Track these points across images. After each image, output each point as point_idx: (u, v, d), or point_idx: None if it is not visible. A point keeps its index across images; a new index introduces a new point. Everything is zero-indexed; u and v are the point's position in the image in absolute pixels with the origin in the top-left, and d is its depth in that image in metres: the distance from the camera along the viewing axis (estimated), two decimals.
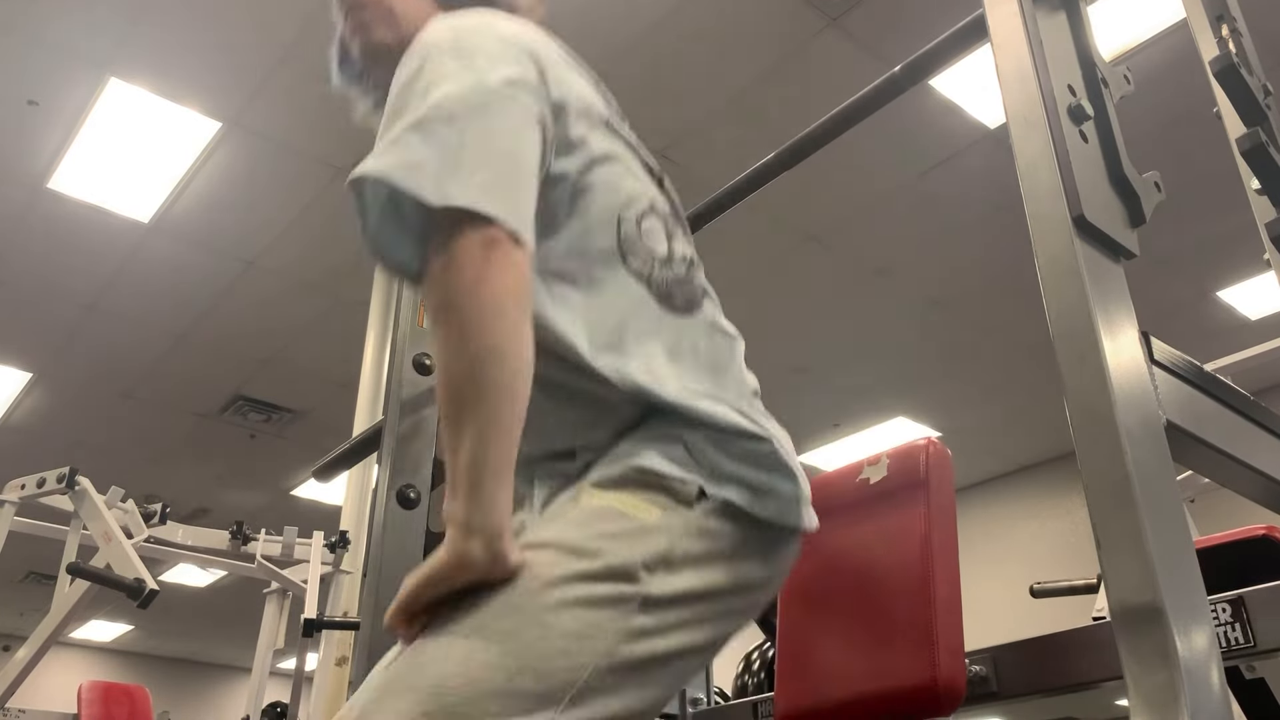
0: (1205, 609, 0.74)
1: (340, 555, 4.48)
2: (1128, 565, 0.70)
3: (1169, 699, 0.67)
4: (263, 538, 4.58)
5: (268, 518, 4.92)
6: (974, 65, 3.85)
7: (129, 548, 3.41)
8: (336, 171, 4.52)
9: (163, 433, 6.78)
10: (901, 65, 1.17)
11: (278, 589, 4.64)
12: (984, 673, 1.58)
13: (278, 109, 4.19)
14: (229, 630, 9.81)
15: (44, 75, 3.99)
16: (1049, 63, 0.87)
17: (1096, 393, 0.75)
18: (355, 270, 5.08)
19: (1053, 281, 0.80)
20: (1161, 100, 3.86)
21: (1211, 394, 0.92)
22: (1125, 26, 3.76)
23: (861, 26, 3.80)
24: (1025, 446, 7.04)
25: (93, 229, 4.81)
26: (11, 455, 6.24)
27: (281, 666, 7.48)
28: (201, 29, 3.81)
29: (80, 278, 5.17)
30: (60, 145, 4.32)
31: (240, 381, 6.18)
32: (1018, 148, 0.86)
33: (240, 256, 5.07)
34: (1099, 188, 0.84)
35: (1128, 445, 0.72)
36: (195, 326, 5.61)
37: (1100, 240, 0.82)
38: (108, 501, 3.81)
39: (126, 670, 11.08)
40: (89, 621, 10.33)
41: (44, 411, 6.46)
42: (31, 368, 5.99)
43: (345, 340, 5.24)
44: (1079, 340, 0.77)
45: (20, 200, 4.62)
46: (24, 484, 3.85)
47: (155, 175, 4.53)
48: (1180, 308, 5.51)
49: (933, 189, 4.52)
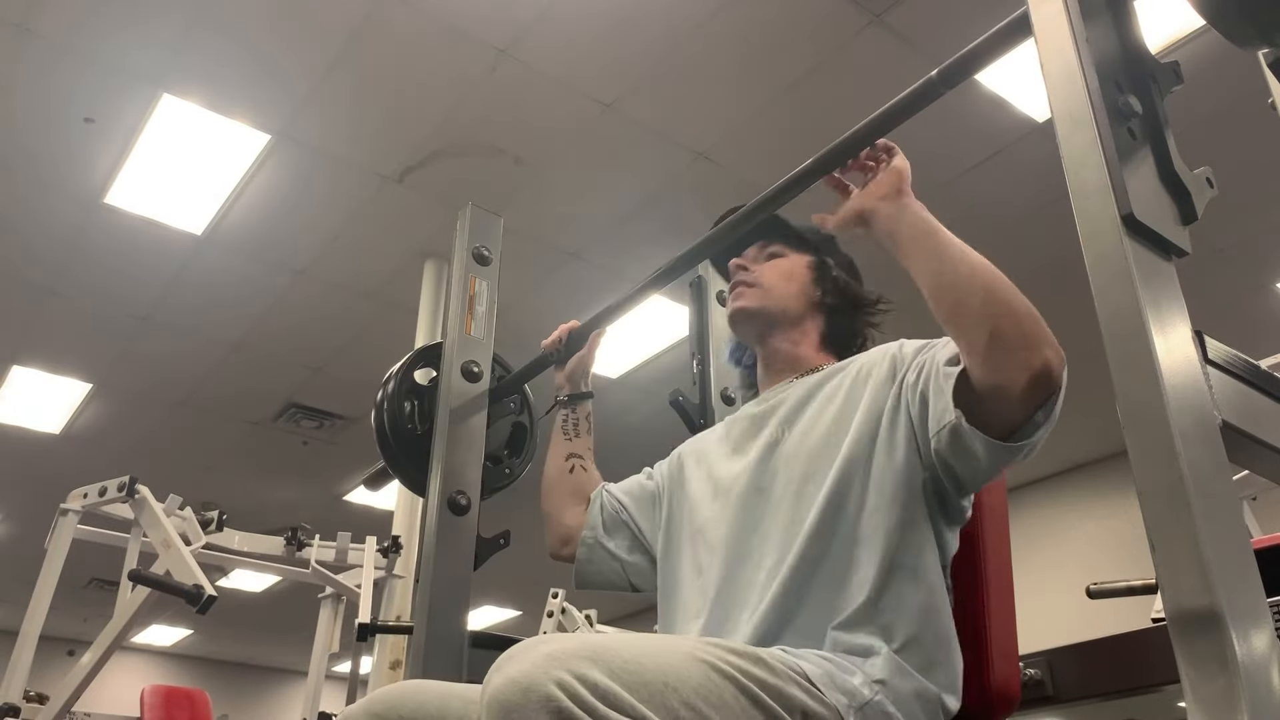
0: (1265, 611, 0.72)
1: (393, 560, 4.53)
2: (1183, 569, 0.69)
3: (1228, 705, 0.66)
4: (317, 543, 4.64)
5: (321, 523, 4.98)
6: (1020, 58, 3.80)
7: (187, 554, 3.48)
8: (384, 180, 4.58)
9: (218, 441, 6.90)
10: (938, 70, 1.15)
11: (332, 594, 4.70)
12: (1039, 676, 1.56)
13: (325, 120, 4.25)
14: (285, 635, 9.95)
15: (100, 93, 4.08)
16: (1095, 59, 0.86)
17: (1148, 395, 0.73)
18: (404, 278, 5.14)
19: (1102, 282, 0.78)
20: (1214, 90, 3.79)
21: (1269, 392, 0.90)
22: (1176, 15, 3.69)
23: (904, 22, 3.77)
24: (1081, 444, 6.92)
25: (148, 242, 4.91)
26: (73, 464, 6.38)
27: (337, 670, 7.58)
28: (249, 43, 3.88)
29: (136, 290, 5.28)
30: (116, 161, 4.42)
31: (292, 389, 6.27)
32: (1064, 146, 0.84)
33: (291, 266, 5.15)
34: (1148, 185, 0.83)
35: (1181, 447, 0.71)
36: (248, 336, 5.71)
37: (1150, 239, 0.80)
38: (166, 509, 3.88)
39: (186, 674, 11.29)
40: (150, 626, 10.54)
41: (103, 421, 6.61)
42: (91, 379, 6.13)
43: (395, 347, 5.26)
44: (1130, 342, 0.75)
45: (78, 216, 4.74)
46: (86, 493, 3.94)
47: (207, 188, 4.61)
48: (1236, 300, 5.40)
49: (980, 185, 4.46)
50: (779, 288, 1.46)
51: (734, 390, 1.98)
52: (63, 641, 9.19)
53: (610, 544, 1.55)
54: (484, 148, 4.42)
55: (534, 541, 1.60)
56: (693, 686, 0.91)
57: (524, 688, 0.83)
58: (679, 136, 4.37)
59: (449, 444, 1.72)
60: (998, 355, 1.07)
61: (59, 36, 3.81)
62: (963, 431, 1.11)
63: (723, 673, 0.95)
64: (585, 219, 4.87)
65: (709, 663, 0.94)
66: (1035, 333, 1.06)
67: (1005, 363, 1.06)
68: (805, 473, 1.27)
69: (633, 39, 3.88)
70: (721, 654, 0.97)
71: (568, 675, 0.83)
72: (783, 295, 1.46)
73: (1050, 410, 1.08)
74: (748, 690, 0.95)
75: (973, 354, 1.10)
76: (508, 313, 1.97)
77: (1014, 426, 1.08)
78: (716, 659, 0.96)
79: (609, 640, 0.91)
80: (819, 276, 1.49)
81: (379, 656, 4.26)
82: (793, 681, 1.01)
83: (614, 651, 0.88)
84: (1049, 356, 1.05)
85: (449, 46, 3.89)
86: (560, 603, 5.09)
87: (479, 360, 1.81)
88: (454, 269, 1.89)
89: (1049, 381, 1.06)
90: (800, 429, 1.33)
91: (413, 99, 4.16)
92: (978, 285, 1.11)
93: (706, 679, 0.93)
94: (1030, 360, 1.05)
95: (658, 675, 0.89)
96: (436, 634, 1.57)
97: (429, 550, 1.64)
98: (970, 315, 1.10)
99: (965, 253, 1.14)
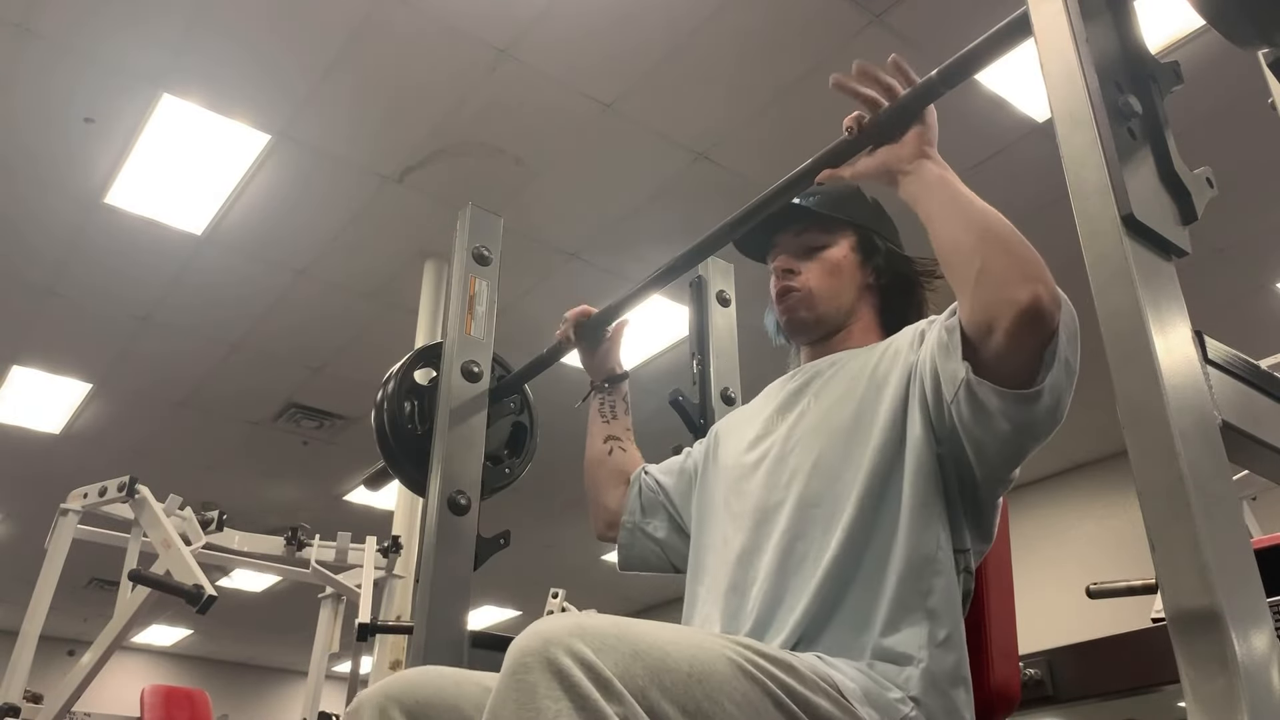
0: (1265, 612, 0.72)
1: (393, 560, 4.52)
2: (1183, 570, 0.69)
3: (1228, 705, 0.66)
4: (317, 543, 4.64)
5: (321, 523, 4.98)
6: (1020, 58, 3.80)
7: (187, 554, 3.48)
8: (384, 180, 4.58)
9: (218, 441, 6.90)
10: (938, 70, 1.15)
11: (332, 594, 4.70)
12: (1039, 676, 1.56)
13: (325, 120, 4.25)
14: (285, 635, 9.95)
15: (100, 93, 4.08)
16: (1095, 59, 0.86)
17: (1148, 395, 0.73)
18: (404, 278, 5.14)
19: (1102, 282, 0.78)
20: (1214, 90, 3.79)
21: (1269, 392, 0.90)
22: (1176, 15, 3.69)
23: (905, 22, 3.77)
24: (1081, 444, 6.92)
25: (148, 242, 4.91)
26: (73, 464, 6.38)
27: (337, 670, 7.58)
28: (249, 43, 3.88)
29: (136, 290, 5.28)
30: (116, 161, 4.42)
31: (293, 389, 6.27)
32: (1064, 147, 0.85)
33: (291, 266, 5.15)
34: (1148, 185, 0.83)
35: (1181, 447, 0.71)
36: (248, 336, 5.71)
37: (1150, 239, 0.80)
38: (166, 509, 3.88)
39: (186, 674, 11.29)
40: (150, 626, 10.54)
41: (103, 421, 6.61)
42: (91, 379, 6.13)
43: (395, 348, 5.26)
44: (1129, 341, 0.75)
45: (78, 216, 4.74)
46: (86, 493, 3.95)
47: (207, 188, 4.61)
48: (1236, 301, 5.40)
49: (980, 185, 4.43)
50: (828, 287, 1.42)
51: (734, 390, 1.98)
52: (63, 641, 9.20)
53: (648, 527, 1.56)
54: (484, 148, 4.42)
55: (534, 541, 1.60)
56: (718, 683, 0.90)
57: (539, 645, 0.83)
58: (679, 136, 4.37)
59: (449, 444, 1.72)
60: (984, 290, 1.07)
61: (59, 36, 3.81)
62: (973, 386, 1.09)
63: (750, 675, 0.94)
64: (585, 219, 4.87)
65: (737, 663, 0.94)
66: (1024, 268, 1.06)
67: (991, 297, 1.06)
68: (823, 450, 1.26)
69: (633, 39, 3.88)
70: (752, 655, 0.96)
71: (587, 648, 0.83)
72: (834, 294, 1.42)
73: (1055, 350, 1.06)
74: (773, 695, 0.95)
75: (963, 293, 1.11)
76: (508, 313, 1.97)
77: (1018, 371, 1.07)
78: (745, 660, 0.95)
79: (641, 626, 0.91)
80: (865, 258, 1.44)
81: (379, 656, 4.26)
82: (822, 692, 1.00)
83: (641, 636, 0.88)
84: (1038, 291, 1.04)
85: (449, 46, 3.89)
86: (560, 603, 5.09)
87: (479, 360, 1.81)
88: (454, 269, 1.89)
89: (1038, 317, 1.04)
90: (825, 404, 1.32)
91: (413, 99, 4.16)
92: (976, 223, 1.12)
93: (733, 677, 0.92)
94: (1016, 294, 1.04)
95: (683, 665, 0.88)
96: (436, 634, 1.58)
97: (429, 550, 1.64)
98: (964, 251, 1.11)
99: (974, 199, 1.16)
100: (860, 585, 1.16)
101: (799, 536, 1.21)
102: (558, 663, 0.82)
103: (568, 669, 0.82)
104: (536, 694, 0.81)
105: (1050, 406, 1.09)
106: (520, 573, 6.74)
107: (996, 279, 1.07)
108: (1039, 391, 1.07)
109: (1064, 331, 1.07)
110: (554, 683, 0.81)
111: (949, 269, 1.14)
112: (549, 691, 0.81)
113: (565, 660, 0.82)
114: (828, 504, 1.22)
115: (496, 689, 0.85)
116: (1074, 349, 1.09)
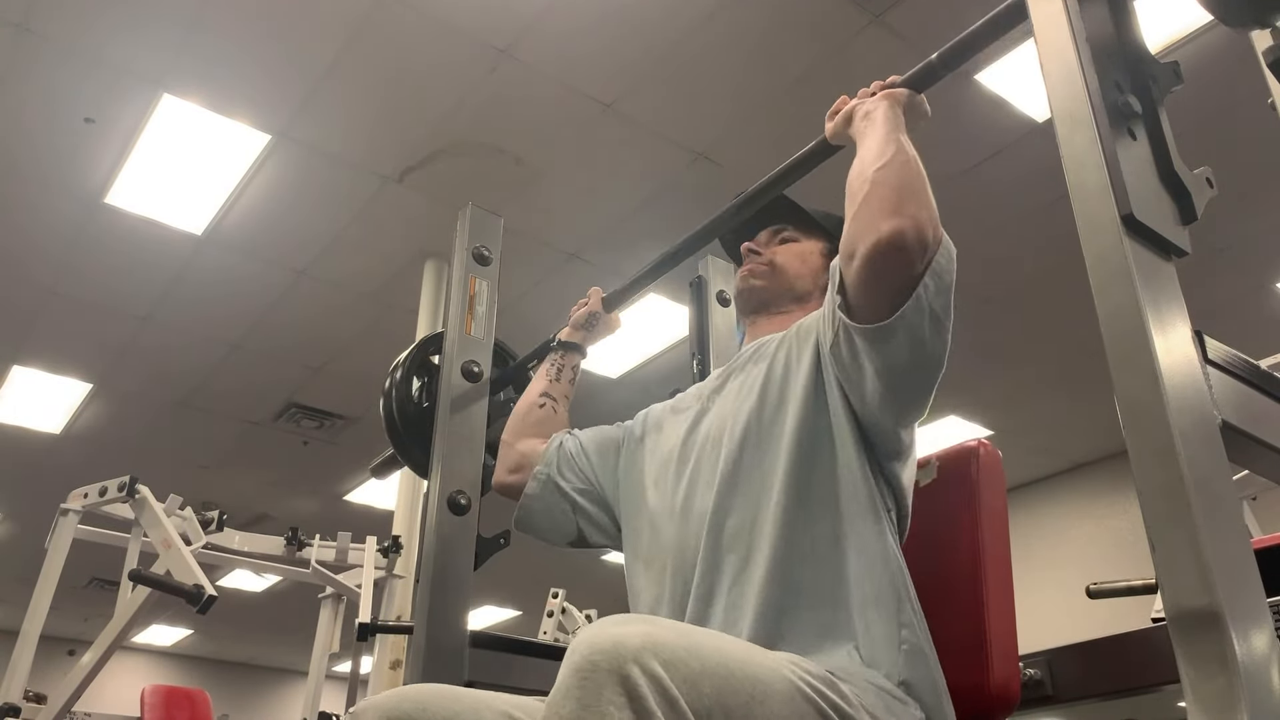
0: (1265, 611, 0.73)
1: (393, 560, 4.52)
2: (1183, 569, 0.69)
3: (1228, 705, 0.66)
4: (317, 543, 4.64)
5: (321, 523, 4.98)
6: (1019, 58, 3.80)
7: (188, 554, 3.48)
8: (384, 181, 4.58)
9: (218, 441, 6.90)
10: (938, 53, 1.18)
11: (332, 594, 4.70)
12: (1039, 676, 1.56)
13: (325, 120, 4.25)
14: (286, 635, 9.95)
15: (100, 93, 4.08)
16: (1095, 59, 0.86)
17: (1148, 395, 0.73)
18: (404, 278, 5.14)
19: (1102, 282, 0.78)
20: (1214, 89, 3.79)
21: (1269, 392, 0.90)
22: (1177, 15, 3.69)
23: (904, 22, 3.77)
24: (1081, 444, 6.93)
25: (148, 242, 4.91)
26: (73, 464, 6.38)
27: (337, 670, 7.58)
28: (250, 43, 3.88)
29: (136, 289, 5.28)
30: (116, 161, 4.42)
31: (293, 389, 6.27)
32: (1064, 147, 0.85)
33: (291, 266, 5.15)
34: (1148, 185, 0.83)
35: (1181, 447, 0.71)
36: (248, 336, 5.71)
37: (1150, 239, 0.81)
38: (166, 509, 3.88)
39: (187, 674, 11.29)
40: (150, 626, 10.54)
41: (104, 421, 6.61)
42: (91, 379, 6.13)
43: (395, 347, 5.24)
44: (1129, 341, 0.75)
45: (78, 216, 4.73)
46: (86, 493, 3.95)
47: (208, 188, 4.61)
48: (1236, 300, 5.40)
49: (981, 184, 4.46)
50: (791, 267, 1.46)
51: None
52: (63, 641, 9.20)
53: (563, 483, 1.51)
54: (484, 148, 4.42)
55: (534, 542, 1.60)
56: (777, 705, 0.90)
57: (611, 649, 0.82)
58: (679, 136, 4.37)
59: (449, 444, 1.72)
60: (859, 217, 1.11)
61: (59, 36, 3.81)
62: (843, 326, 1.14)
63: (806, 696, 0.94)
64: (585, 219, 4.87)
65: (794, 683, 0.94)
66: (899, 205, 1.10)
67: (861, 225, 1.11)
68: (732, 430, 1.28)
69: (633, 39, 3.88)
70: (805, 675, 0.96)
71: (657, 664, 0.82)
72: (793, 275, 1.46)
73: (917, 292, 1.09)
74: (825, 714, 0.95)
75: (846, 219, 1.14)
76: (508, 313, 1.97)
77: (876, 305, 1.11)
78: (802, 680, 0.95)
79: (707, 640, 0.90)
80: (829, 258, 1.47)
81: (379, 656, 4.26)
82: (866, 711, 1.00)
83: (709, 653, 0.87)
84: (902, 226, 1.08)
85: (449, 46, 3.89)
86: (560, 602, 5.09)
87: (479, 360, 1.81)
88: (454, 269, 1.89)
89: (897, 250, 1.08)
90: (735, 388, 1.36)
91: (413, 99, 4.16)
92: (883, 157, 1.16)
93: (790, 699, 0.92)
94: (880, 224, 1.08)
95: (745, 685, 0.88)
96: (437, 634, 1.57)
97: (429, 550, 1.64)
98: (860, 179, 1.15)
99: (901, 143, 1.18)
100: (814, 569, 1.17)
101: (728, 513, 1.23)
102: (628, 673, 0.80)
103: (636, 682, 0.80)
104: (601, 698, 0.80)
105: (907, 346, 1.11)
106: (520, 573, 6.73)
107: (871, 208, 1.11)
108: (890, 327, 1.10)
109: (931, 278, 1.10)
110: (620, 692, 0.80)
111: (847, 196, 1.17)
112: (614, 698, 0.80)
113: (635, 672, 0.81)
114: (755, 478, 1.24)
115: (559, 684, 0.83)
116: (943, 299, 1.12)
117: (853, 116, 1.28)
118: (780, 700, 0.91)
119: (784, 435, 1.23)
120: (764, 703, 0.89)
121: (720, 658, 0.88)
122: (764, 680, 0.90)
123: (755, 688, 0.89)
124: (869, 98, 1.28)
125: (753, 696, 0.88)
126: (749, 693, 0.88)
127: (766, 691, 0.90)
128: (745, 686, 0.88)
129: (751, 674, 0.90)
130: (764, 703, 0.89)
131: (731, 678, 0.87)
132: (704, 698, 0.84)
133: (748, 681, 0.88)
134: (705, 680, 0.85)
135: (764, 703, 0.89)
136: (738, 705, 0.86)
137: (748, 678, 0.89)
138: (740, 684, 0.88)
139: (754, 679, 0.89)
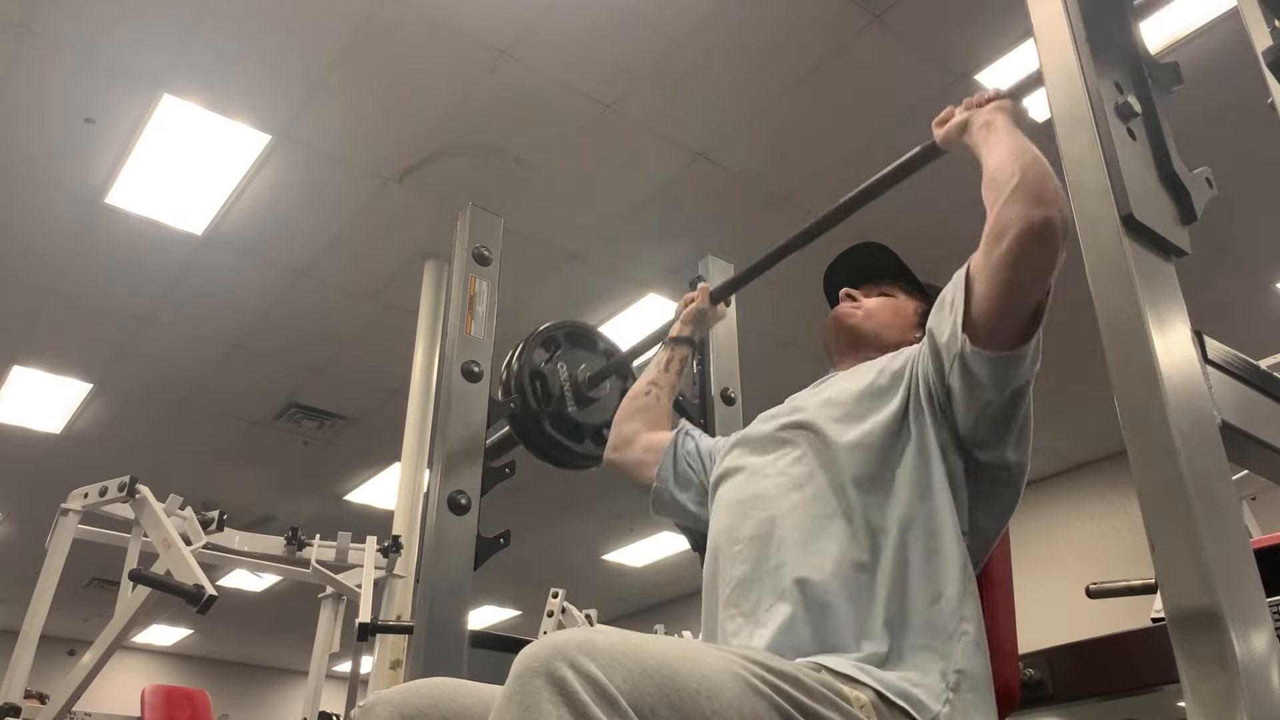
0: (1265, 612, 0.73)
1: (393, 560, 4.52)
2: (1182, 570, 0.69)
3: (1227, 705, 0.66)
4: (317, 543, 4.64)
5: (321, 523, 4.98)
6: (1019, 58, 3.80)
7: (188, 554, 3.47)
8: (384, 181, 4.58)
9: (218, 441, 6.90)
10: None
11: (332, 594, 4.70)
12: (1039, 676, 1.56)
13: (325, 120, 4.25)
14: (286, 634, 9.95)
15: (100, 93, 4.08)
16: (1095, 59, 0.86)
17: (1148, 395, 0.73)
18: (404, 278, 5.14)
19: (1102, 282, 0.78)
20: (1214, 89, 3.79)
21: (1268, 392, 0.90)
22: (1176, 15, 3.69)
23: (904, 22, 3.77)
24: (1081, 443, 6.92)
25: (148, 242, 4.91)
26: (73, 464, 6.38)
27: (337, 670, 7.58)
28: (250, 44, 3.88)
29: (136, 290, 5.28)
30: (116, 161, 4.42)
31: (293, 389, 6.27)
32: (1064, 146, 0.85)
33: (291, 266, 5.15)
34: (1148, 186, 0.83)
35: (1181, 447, 0.71)
36: (248, 336, 5.71)
37: (1150, 239, 0.81)
38: (166, 509, 3.88)
39: (187, 674, 11.29)
40: (150, 626, 10.54)
41: (104, 421, 6.61)
42: (92, 379, 6.13)
43: (395, 348, 5.30)
44: (1129, 341, 0.75)
45: (79, 216, 4.74)
46: (86, 493, 3.94)
47: (208, 188, 4.61)
48: (1235, 300, 5.40)
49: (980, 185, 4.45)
50: (882, 316, 1.52)
51: (734, 390, 1.98)
52: (63, 641, 9.19)
53: (681, 497, 1.61)
54: (484, 148, 4.42)
55: (534, 542, 1.60)
56: (726, 699, 0.91)
57: (545, 655, 0.84)
58: (679, 136, 4.37)
59: (449, 444, 1.72)
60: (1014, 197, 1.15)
61: (59, 36, 3.81)
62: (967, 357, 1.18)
63: (758, 690, 0.94)
64: (585, 219, 4.86)
65: (745, 678, 0.94)
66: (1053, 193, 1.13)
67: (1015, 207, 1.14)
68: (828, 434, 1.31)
69: (633, 39, 3.88)
70: (759, 670, 0.97)
71: (592, 664, 0.83)
72: (884, 323, 1.51)
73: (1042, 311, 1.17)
74: (781, 709, 0.95)
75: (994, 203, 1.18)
76: (508, 313, 1.97)
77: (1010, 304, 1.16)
78: (753, 675, 0.95)
79: (650, 643, 0.91)
80: (921, 325, 1.50)
81: (379, 656, 4.25)
82: (829, 704, 1.00)
83: (650, 654, 0.89)
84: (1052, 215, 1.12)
85: (449, 46, 3.89)
86: (560, 602, 5.09)
87: (479, 360, 1.81)
88: (454, 269, 1.89)
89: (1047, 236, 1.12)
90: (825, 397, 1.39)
91: (413, 99, 4.16)
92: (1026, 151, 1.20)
93: (741, 693, 0.93)
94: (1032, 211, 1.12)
95: (691, 682, 0.89)
96: (437, 634, 1.58)
97: (429, 550, 1.64)
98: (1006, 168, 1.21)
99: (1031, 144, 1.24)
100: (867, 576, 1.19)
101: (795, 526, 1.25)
102: (561, 675, 0.82)
103: (569, 680, 0.82)
104: (539, 699, 0.82)
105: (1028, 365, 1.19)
106: (520, 573, 6.73)
107: (1025, 190, 1.14)
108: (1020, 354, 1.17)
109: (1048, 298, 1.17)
110: (556, 692, 0.82)
111: (989, 189, 1.21)
112: (551, 697, 0.82)
113: (568, 673, 0.82)
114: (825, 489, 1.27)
115: (501, 696, 0.86)
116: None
117: (969, 125, 1.34)
118: (730, 694, 0.91)
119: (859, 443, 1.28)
120: (712, 697, 0.89)
121: (663, 657, 0.89)
122: (710, 677, 0.91)
123: (702, 684, 0.89)
124: (979, 108, 1.34)
125: (700, 692, 0.89)
126: (695, 688, 0.88)
127: (714, 687, 0.90)
128: (691, 683, 0.89)
129: (698, 671, 0.91)
130: (712, 697, 0.89)
131: (676, 675, 0.88)
132: (646, 695, 0.85)
133: (694, 678, 0.89)
134: (647, 680, 0.86)
135: (712, 697, 0.89)
136: (684, 700, 0.87)
137: (693, 675, 0.90)
138: (686, 680, 0.88)
139: (700, 675, 0.90)
